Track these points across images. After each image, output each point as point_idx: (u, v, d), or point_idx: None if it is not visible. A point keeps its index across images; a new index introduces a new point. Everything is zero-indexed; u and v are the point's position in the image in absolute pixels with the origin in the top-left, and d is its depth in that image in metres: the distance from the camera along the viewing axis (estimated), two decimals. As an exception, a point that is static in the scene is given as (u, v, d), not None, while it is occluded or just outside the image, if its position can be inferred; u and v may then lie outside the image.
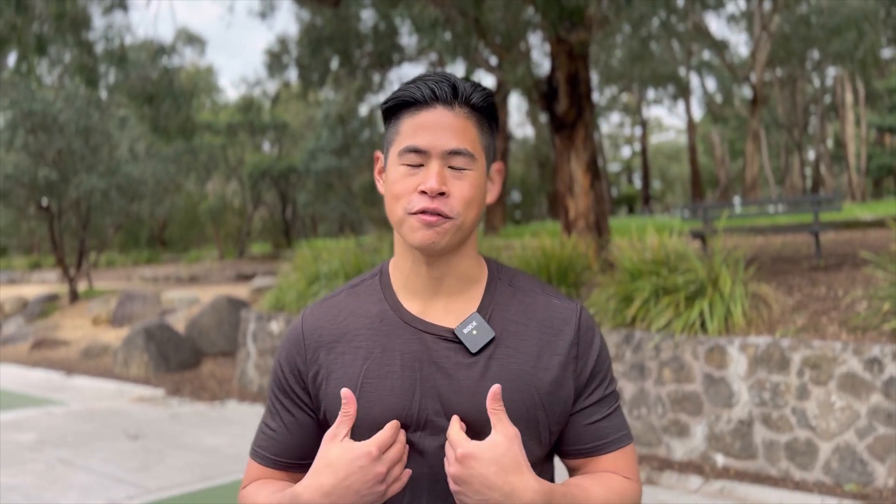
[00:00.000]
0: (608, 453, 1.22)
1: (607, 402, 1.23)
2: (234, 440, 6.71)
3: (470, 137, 1.15)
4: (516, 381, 1.16)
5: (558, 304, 1.23)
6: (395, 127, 1.17)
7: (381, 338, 1.20)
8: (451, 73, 1.19)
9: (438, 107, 1.15)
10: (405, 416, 1.15)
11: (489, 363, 1.16)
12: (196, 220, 33.71)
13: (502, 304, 1.21)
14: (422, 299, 1.21)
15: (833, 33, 19.75)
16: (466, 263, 1.22)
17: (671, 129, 63.47)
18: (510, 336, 1.18)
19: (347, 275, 8.33)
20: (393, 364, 1.17)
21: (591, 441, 1.21)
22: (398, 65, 13.50)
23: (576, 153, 9.03)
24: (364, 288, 1.27)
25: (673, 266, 6.02)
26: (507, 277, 1.26)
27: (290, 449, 1.25)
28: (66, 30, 9.75)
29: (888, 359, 4.73)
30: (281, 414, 1.25)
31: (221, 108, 34.29)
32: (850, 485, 4.75)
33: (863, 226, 12.41)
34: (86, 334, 13.52)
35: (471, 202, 1.15)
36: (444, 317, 1.20)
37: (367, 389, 1.17)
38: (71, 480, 5.57)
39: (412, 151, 1.14)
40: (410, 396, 1.16)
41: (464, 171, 1.14)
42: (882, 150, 33.02)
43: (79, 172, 16.08)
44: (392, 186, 1.16)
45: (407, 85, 1.17)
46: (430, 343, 1.18)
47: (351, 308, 1.24)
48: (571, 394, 1.20)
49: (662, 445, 5.60)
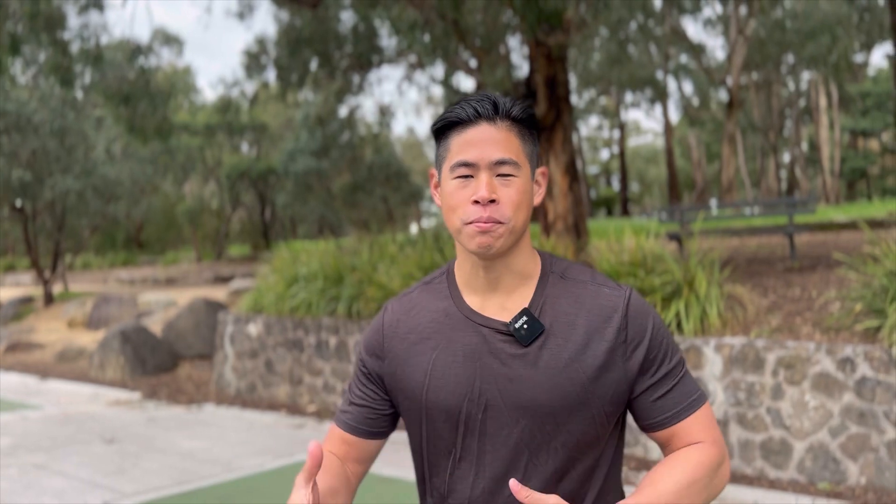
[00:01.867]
0: (682, 420, 1.32)
1: (672, 375, 1.33)
2: (211, 443, 6.67)
3: (513, 147, 1.27)
4: (566, 369, 1.27)
5: (608, 293, 1.33)
6: (445, 145, 1.31)
7: (447, 331, 1.35)
8: (491, 93, 1.32)
9: (482, 123, 1.27)
10: (468, 401, 1.30)
11: (540, 353, 1.28)
12: (173, 222, 33.43)
13: (553, 296, 1.33)
14: (481, 296, 1.35)
15: (807, 38, 20.02)
16: (521, 261, 1.34)
17: (649, 132, 63.97)
18: (560, 326, 1.30)
19: (326, 277, 8.31)
20: (456, 354, 1.32)
21: (661, 414, 1.32)
22: (378, 66, 13.48)
23: (554, 155, 9.08)
24: (434, 285, 1.43)
25: (650, 268, 6.08)
26: (560, 270, 1.37)
27: (366, 421, 1.43)
28: (40, 29, 9.64)
29: (860, 359, 4.80)
30: (363, 390, 1.43)
31: (199, 108, 34.04)
32: (823, 483, 4.82)
33: (836, 228, 12.59)
34: (61, 337, 13.36)
35: (519, 206, 1.26)
36: (500, 312, 1.32)
37: (436, 376, 1.33)
38: (46, 485, 5.50)
39: (462, 165, 1.26)
40: (472, 383, 1.30)
41: (510, 177, 1.26)
42: (855, 154, 33.53)
43: (54, 173, 15.89)
44: (448, 199, 1.28)
45: (452, 106, 1.31)
46: (487, 336, 1.31)
47: (423, 304, 1.41)
48: (623, 376, 1.30)
49: (640, 446, 5.65)
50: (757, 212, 10.49)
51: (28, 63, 11.31)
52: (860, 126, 32.18)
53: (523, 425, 1.27)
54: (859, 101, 32.47)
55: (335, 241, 9.93)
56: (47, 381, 10.36)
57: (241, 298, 10.89)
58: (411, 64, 15.99)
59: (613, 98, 38.87)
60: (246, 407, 8.20)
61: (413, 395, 1.35)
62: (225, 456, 6.23)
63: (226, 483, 5.51)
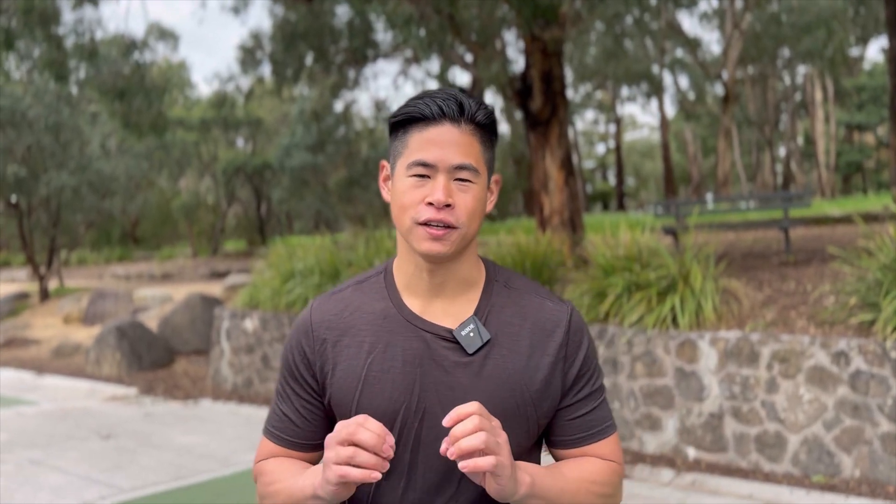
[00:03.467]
0: (594, 443, 1.31)
1: (593, 397, 1.32)
2: (207, 439, 6.68)
3: (474, 153, 1.23)
4: (509, 380, 1.25)
5: (551, 307, 1.31)
6: (404, 140, 1.25)
7: (385, 334, 1.28)
8: (456, 90, 1.27)
9: (446, 123, 1.23)
10: (405, 408, 1.24)
11: (484, 362, 1.25)
12: (169, 217, 33.33)
13: (498, 305, 1.30)
14: (422, 299, 1.29)
15: (803, 32, 20.01)
16: (466, 268, 1.30)
17: (645, 126, 63.96)
18: (505, 337, 1.27)
19: (322, 272, 8.31)
20: (395, 359, 1.26)
21: (577, 433, 1.31)
22: (373, 61, 13.46)
23: (550, 150, 9.09)
24: (370, 285, 1.35)
25: (645, 262, 6.09)
26: (504, 279, 1.34)
27: (301, 431, 1.33)
28: (34, 24, 9.60)
29: (854, 352, 4.82)
30: (292, 399, 1.34)
31: (194, 103, 33.93)
32: (817, 476, 4.84)
33: (831, 222, 12.62)
34: (57, 333, 13.34)
35: (474, 213, 1.23)
36: (443, 317, 1.28)
37: (371, 382, 1.25)
38: (42, 481, 5.50)
39: (421, 165, 1.21)
40: (411, 390, 1.24)
41: (468, 183, 1.22)
42: (851, 147, 33.61)
43: (49, 169, 15.85)
44: (400, 197, 1.23)
45: (415, 101, 1.24)
46: (430, 341, 1.26)
47: (357, 304, 1.32)
48: (559, 391, 1.29)
49: (635, 439, 5.67)
50: (752, 206, 10.51)
51: (22, 58, 11.25)
52: (856, 120, 32.24)
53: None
54: (855, 95, 32.51)
55: (331, 236, 9.92)
56: (43, 376, 10.35)
57: (237, 294, 10.88)
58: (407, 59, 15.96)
59: (609, 92, 38.84)
60: (242, 402, 8.20)
61: (342, 401, 1.27)
62: (222, 451, 6.23)
63: (222, 478, 5.52)
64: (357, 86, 15.18)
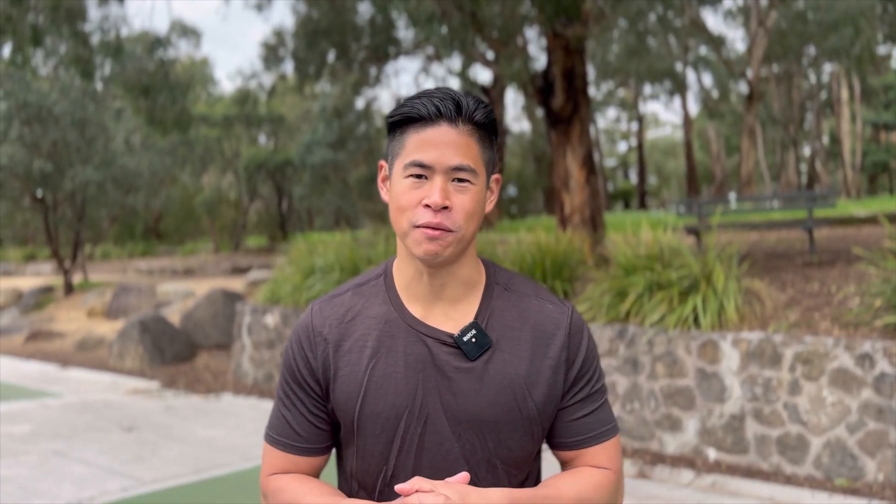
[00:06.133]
0: (592, 446, 1.29)
1: (593, 398, 1.31)
2: (228, 433, 6.73)
3: (472, 153, 1.21)
4: (511, 385, 1.24)
5: (551, 309, 1.30)
6: (401, 140, 1.23)
7: (386, 339, 1.26)
8: (453, 90, 1.24)
9: (443, 124, 1.20)
10: (408, 413, 1.23)
11: (486, 367, 1.24)
12: (191, 213, 33.60)
13: (499, 308, 1.28)
14: (423, 304, 1.28)
15: (829, 29, 19.75)
16: (466, 270, 1.28)
17: (667, 124, 63.46)
18: (506, 341, 1.26)
19: (343, 269, 8.34)
20: (397, 364, 1.25)
21: (576, 435, 1.29)
22: (394, 58, 13.49)
23: (572, 148, 9.04)
24: (369, 288, 1.33)
25: (667, 261, 6.05)
26: (504, 281, 1.32)
27: (307, 437, 1.31)
28: (61, 21, 9.72)
29: (879, 354, 4.76)
30: (295, 403, 1.31)
31: (217, 100, 34.18)
32: (840, 479, 4.79)
33: (857, 222, 12.45)
34: (81, 326, 13.51)
35: (472, 215, 1.21)
36: (444, 321, 1.26)
37: (373, 387, 1.24)
38: (65, 472, 5.58)
39: (417, 166, 1.19)
40: (414, 395, 1.23)
41: (466, 184, 1.20)
42: (877, 147, 33.09)
43: (74, 164, 16.03)
44: (398, 198, 1.21)
45: (412, 100, 1.22)
46: (432, 346, 1.24)
47: (357, 308, 1.31)
48: (560, 393, 1.28)
49: (655, 440, 5.63)
50: (776, 206, 10.40)
51: (49, 55, 11.40)
52: (882, 119, 31.72)
53: (465, 441, 1.23)
54: (882, 94, 32.01)
55: (351, 232, 9.96)
56: (67, 369, 10.49)
57: (258, 289, 10.95)
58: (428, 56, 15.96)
59: (632, 90, 38.61)
60: (263, 397, 8.26)
61: (344, 407, 1.26)
62: (242, 445, 6.28)
63: (242, 472, 5.56)
64: (378, 83, 15.24)
